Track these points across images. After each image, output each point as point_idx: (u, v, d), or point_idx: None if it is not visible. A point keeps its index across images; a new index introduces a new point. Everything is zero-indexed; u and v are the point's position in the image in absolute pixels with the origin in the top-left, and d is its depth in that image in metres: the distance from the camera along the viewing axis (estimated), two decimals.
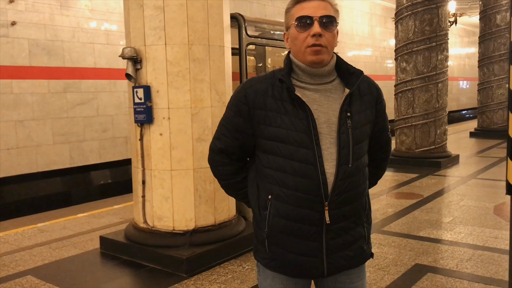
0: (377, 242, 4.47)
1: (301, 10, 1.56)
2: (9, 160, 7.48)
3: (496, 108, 12.71)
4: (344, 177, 1.55)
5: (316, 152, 1.53)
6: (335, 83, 1.63)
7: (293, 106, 1.55)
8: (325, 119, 1.56)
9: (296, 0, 1.59)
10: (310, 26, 1.54)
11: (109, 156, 9.01)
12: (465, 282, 3.53)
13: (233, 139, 1.66)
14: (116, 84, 9.01)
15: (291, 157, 1.54)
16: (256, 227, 1.69)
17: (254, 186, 1.68)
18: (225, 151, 1.70)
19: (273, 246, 1.61)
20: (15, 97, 7.54)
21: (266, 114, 1.57)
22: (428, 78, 8.54)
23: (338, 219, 1.57)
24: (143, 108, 3.98)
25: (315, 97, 1.58)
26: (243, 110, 1.61)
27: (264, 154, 1.60)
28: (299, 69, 1.61)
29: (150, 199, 4.10)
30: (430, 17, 8.43)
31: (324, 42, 1.55)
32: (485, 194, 6.36)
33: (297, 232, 1.57)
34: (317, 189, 1.53)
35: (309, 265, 1.59)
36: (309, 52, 1.55)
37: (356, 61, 16.79)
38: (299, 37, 1.56)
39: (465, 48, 26.45)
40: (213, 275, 3.75)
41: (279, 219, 1.58)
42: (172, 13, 3.86)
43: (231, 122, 1.65)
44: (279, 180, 1.56)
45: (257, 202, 1.65)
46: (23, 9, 7.58)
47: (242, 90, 1.63)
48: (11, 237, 4.95)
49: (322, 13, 1.54)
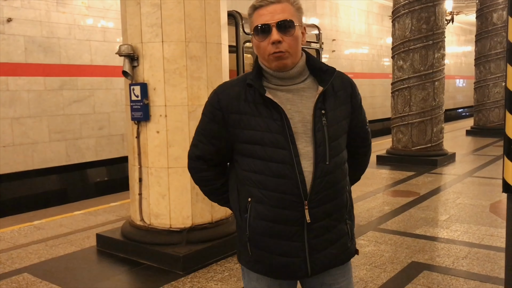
0: (373, 240, 4.48)
1: (259, 18, 1.54)
2: (5, 157, 7.45)
3: (493, 107, 12.75)
4: (322, 175, 1.55)
5: (292, 152, 1.53)
6: (307, 82, 1.62)
7: (267, 107, 1.55)
8: (300, 118, 1.56)
9: (254, 6, 1.56)
10: (268, 33, 1.52)
11: (105, 153, 8.99)
12: (461, 280, 3.54)
13: (210, 145, 1.66)
14: (113, 82, 8.98)
15: (268, 158, 1.54)
16: (238, 230, 1.69)
17: (234, 190, 1.67)
18: (203, 158, 1.69)
19: (255, 248, 1.61)
20: (11, 94, 7.51)
21: (240, 118, 1.57)
22: (425, 76, 8.56)
23: (319, 218, 1.56)
24: (140, 106, 3.97)
25: (288, 97, 1.58)
26: (217, 115, 1.60)
27: (242, 157, 1.60)
28: (267, 74, 1.61)
29: (147, 197, 4.10)
30: (427, 15, 8.44)
31: (284, 47, 1.53)
32: (481, 192, 6.38)
33: (278, 233, 1.56)
34: (295, 188, 1.52)
35: (292, 266, 1.58)
36: (271, 59, 1.55)
37: (353, 59, 16.80)
38: (261, 46, 1.56)
39: (462, 46, 26.52)
40: (210, 273, 3.75)
41: (260, 221, 1.57)
42: (169, 10, 3.85)
43: (207, 128, 1.65)
44: (257, 182, 1.56)
45: (237, 205, 1.65)
46: (19, 6, 7.55)
47: (215, 95, 1.62)
48: (7, 234, 4.94)
49: (279, 18, 1.52)
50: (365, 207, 5.69)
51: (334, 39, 15.54)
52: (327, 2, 15.35)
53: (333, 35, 15.55)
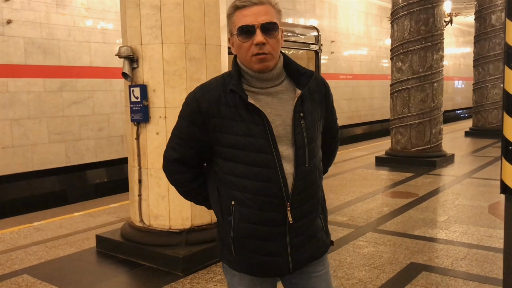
0: (372, 241, 4.49)
1: (242, 18, 1.54)
2: (4, 159, 7.46)
3: (491, 108, 12.78)
4: (302, 176, 1.59)
5: (275, 156, 1.55)
6: (285, 84, 1.63)
7: (248, 112, 1.55)
8: (280, 122, 1.58)
9: (236, 6, 1.56)
10: (252, 34, 1.52)
11: (105, 155, 9.00)
12: (459, 281, 3.56)
13: (189, 148, 1.65)
14: (112, 83, 9.00)
15: (251, 163, 1.55)
16: (221, 231, 1.71)
17: (214, 191, 1.68)
18: (182, 160, 1.68)
19: (239, 249, 1.63)
20: (10, 96, 7.52)
21: (221, 122, 1.57)
22: (423, 77, 8.58)
23: (299, 217, 1.61)
24: (140, 107, 3.98)
25: (268, 100, 1.59)
26: (197, 119, 1.59)
27: (224, 161, 1.60)
28: (247, 75, 1.60)
29: (147, 198, 4.11)
30: (425, 16, 8.46)
31: (268, 49, 1.54)
32: (479, 193, 6.39)
33: (262, 234, 1.60)
34: (278, 191, 1.56)
35: (275, 265, 1.63)
36: (254, 61, 1.55)
37: (352, 60, 16.83)
38: (243, 46, 1.55)
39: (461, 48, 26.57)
40: (209, 274, 3.76)
41: (244, 224, 1.60)
42: (169, 12, 3.87)
43: (186, 131, 1.64)
44: (241, 186, 1.58)
45: (219, 207, 1.66)
46: (18, 8, 7.56)
47: (194, 100, 1.61)
48: (6, 236, 4.94)
49: (263, 19, 1.52)
50: (364, 208, 5.70)
51: (333, 40, 15.56)
52: (326, 3, 15.37)
53: (332, 37, 15.57)
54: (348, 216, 5.36)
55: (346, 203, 5.99)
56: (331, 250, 4.18)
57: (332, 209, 5.67)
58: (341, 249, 4.27)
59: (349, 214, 5.44)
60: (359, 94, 17.08)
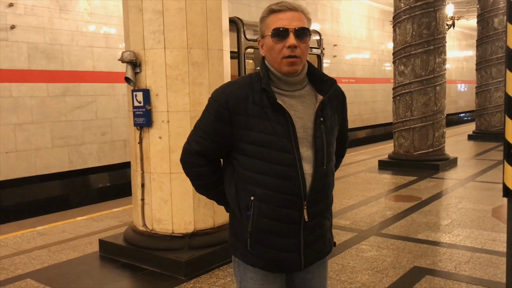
0: (375, 245, 4.48)
1: (276, 21, 1.62)
2: (8, 163, 7.48)
3: (494, 111, 12.75)
4: (320, 177, 1.68)
5: (296, 156, 1.62)
6: (307, 89, 1.72)
7: (274, 112, 1.62)
8: (302, 124, 1.66)
9: (271, 9, 1.64)
10: (285, 37, 1.61)
11: (108, 159, 9.01)
12: (463, 285, 3.54)
13: (211, 142, 1.70)
14: (115, 88, 9.02)
15: (274, 161, 1.62)
16: (236, 226, 1.76)
17: (232, 187, 1.73)
18: (203, 154, 1.73)
19: (255, 244, 1.69)
20: (14, 101, 7.55)
21: (247, 120, 1.63)
22: (426, 81, 8.57)
23: (314, 216, 1.69)
24: (142, 112, 3.99)
25: (292, 103, 1.67)
26: (224, 115, 1.65)
27: (245, 157, 1.66)
28: (275, 77, 1.68)
29: (149, 202, 4.11)
30: (428, 20, 8.47)
31: (298, 53, 1.62)
32: (483, 197, 6.38)
33: (279, 230, 1.67)
34: (297, 190, 1.63)
35: (289, 260, 1.70)
36: (284, 63, 1.63)
37: (354, 64, 16.84)
38: (275, 48, 1.63)
39: (463, 51, 26.54)
40: (212, 278, 3.76)
41: (263, 219, 1.66)
42: (171, 17, 3.88)
43: (211, 125, 1.69)
44: (261, 182, 1.64)
45: (236, 202, 1.72)
46: (22, 13, 7.61)
47: (223, 95, 1.67)
48: (10, 240, 4.96)
49: (297, 24, 1.61)
50: (367, 212, 5.69)
51: (335, 44, 15.58)
52: (328, 7, 15.40)
53: (334, 41, 15.59)
54: (351, 220, 5.35)
55: (349, 207, 5.98)
56: (334, 254, 4.18)
57: (335, 212, 5.66)
58: (344, 253, 4.26)
59: (352, 218, 5.43)
60: (362, 98, 17.07)
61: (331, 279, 3.67)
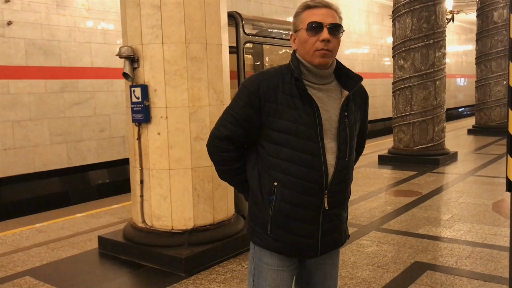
0: (376, 240, 4.47)
1: (311, 16, 1.71)
2: (6, 160, 7.45)
3: (494, 105, 12.72)
4: (342, 169, 1.76)
5: (321, 145, 1.70)
6: (333, 84, 1.81)
7: (302, 102, 1.70)
8: (327, 117, 1.74)
9: (307, 5, 1.74)
10: (320, 31, 1.69)
11: (106, 155, 8.98)
12: (464, 279, 3.53)
13: (240, 127, 1.77)
14: (113, 84, 8.98)
15: (299, 149, 1.69)
16: (256, 210, 1.82)
17: (255, 172, 1.80)
18: (231, 138, 1.79)
19: (276, 228, 1.76)
20: (12, 97, 7.50)
21: (276, 108, 1.71)
22: (426, 75, 8.54)
23: (333, 205, 1.77)
24: (141, 107, 3.96)
25: (319, 95, 1.75)
26: (255, 101, 1.72)
27: (271, 144, 1.73)
28: (305, 69, 1.75)
29: (148, 199, 4.09)
30: (427, 14, 8.43)
31: (331, 47, 1.71)
32: (483, 191, 6.36)
33: (299, 216, 1.74)
34: (320, 179, 1.71)
35: (307, 246, 1.78)
36: (317, 55, 1.71)
37: (354, 59, 16.79)
38: (309, 41, 1.71)
39: (462, 45, 26.49)
40: (212, 274, 3.74)
41: (285, 204, 1.73)
42: (169, 12, 3.85)
43: (241, 111, 1.75)
44: (286, 169, 1.71)
45: (259, 187, 1.79)
46: (19, 9, 7.55)
47: (255, 83, 1.74)
48: (9, 237, 4.93)
49: (331, 20, 1.70)
50: (367, 207, 5.68)
51: None
52: None
53: None
54: (351, 215, 5.33)
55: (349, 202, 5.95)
56: None
57: None
58: (345, 248, 4.25)
59: (352, 213, 5.41)
60: None
61: None
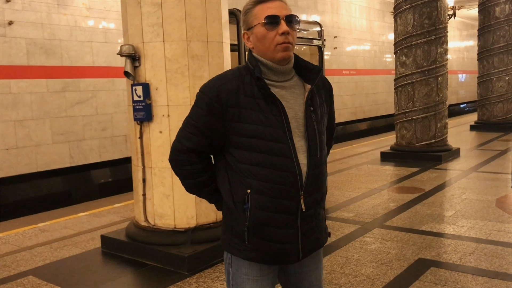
0: (379, 237, 4.46)
1: (266, 10, 1.63)
2: (8, 160, 7.45)
3: (496, 101, 12.68)
4: (315, 167, 1.68)
5: (291, 146, 1.63)
6: (295, 79, 1.73)
7: (266, 102, 1.62)
8: (293, 115, 1.66)
9: (258, 0, 1.66)
10: (277, 25, 1.62)
11: (109, 154, 8.98)
12: (469, 276, 3.51)
13: (203, 137, 1.68)
14: (115, 82, 8.97)
15: (269, 152, 1.61)
16: (231, 220, 1.72)
17: (225, 181, 1.71)
18: (195, 150, 1.70)
19: (253, 237, 1.67)
20: (13, 97, 7.51)
21: (240, 112, 1.61)
22: (427, 71, 8.51)
23: (310, 206, 1.69)
24: (142, 106, 3.95)
25: (282, 93, 1.67)
26: (216, 108, 1.63)
27: (240, 150, 1.64)
28: (265, 68, 1.67)
29: (151, 197, 4.08)
30: (429, 10, 8.39)
31: (290, 39, 1.64)
32: (486, 187, 6.34)
33: (276, 222, 1.66)
34: (294, 180, 1.63)
35: (287, 252, 1.69)
36: (279, 49, 1.63)
37: (355, 55, 16.75)
38: (268, 36, 1.64)
39: (464, 41, 26.41)
40: (216, 273, 3.73)
41: (261, 211, 1.64)
42: (170, 10, 3.83)
43: (202, 120, 1.66)
44: (257, 174, 1.63)
45: (231, 196, 1.69)
46: (20, 9, 7.54)
47: (214, 88, 1.64)
48: (12, 237, 4.94)
49: (286, 12, 1.64)
50: (370, 204, 5.66)
51: (335, 36, 15.49)
52: None
53: (335, 32, 15.49)
54: (354, 212, 5.32)
55: (352, 199, 5.95)
56: (338, 247, 4.15)
57: (338, 205, 5.64)
58: (348, 245, 4.23)
59: (355, 210, 5.40)
60: (363, 90, 17.00)
61: (335, 272, 3.64)
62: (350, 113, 16.03)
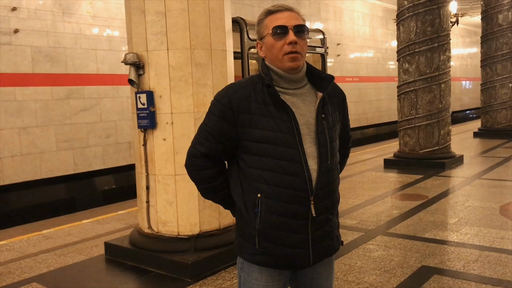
0: (382, 245, 4.45)
1: (275, 21, 1.69)
2: (13, 167, 7.49)
3: (500, 108, 12.66)
4: (325, 172, 1.70)
5: (301, 151, 1.66)
6: (307, 87, 1.77)
7: (277, 109, 1.67)
8: (304, 121, 1.70)
9: (268, 11, 1.73)
10: (285, 35, 1.67)
11: (112, 161, 9.02)
12: (472, 284, 3.50)
13: (217, 143, 1.73)
14: (119, 90, 9.03)
15: (279, 157, 1.65)
16: (242, 225, 1.76)
17: (238, 186, 1.75)
18: (209, 155, 1.75)
19: (264, 241, 1.70)
20: (18, 104, 7.56)
21: (251, 118, 1.67)
22: (430, 78, 8.52)
23: (321, 212, 1.71)
24: (146, 114, 3.98)
25: (293, 100, 1.71)
26: (228, 114, 1.68)
27: (251, 155, 1.69)
28: (276, 75, 1.72)
29: (154, 204, 4.10)
30: (431, 17, 8.42)
31: (299, 49, 1.68)
32: (490, 195, 6.32)
33: (287, 226, 1.68)
34: (304, 185, 1.66)
35: (298, 256, 1.71)
36: (286, 59, 1.68)
37: (358, 62, 16.79)
38: (276, 45, 1.69)
39: (467, 48, 26.42)
40: (219, 280, 3.74)
41: (270, 216, 1.67)
42: (174, 18, 3.87)
43: (215, 126, 1.72)
44: (268, 179, 1.66)
45: (243, 201, 1.73)
46: (25, 17, 7.62)
47: (226, 95, 1.71)
48: (16, 244, 4.96)
49: (295, 22, 1.68)
50: (373, 211, 5.66)
51: (338, 43, 15.54)
52: (331, 6, 15.36)
53: (338, 40, 15.55)
54: (358, 220, 5.31)
55: (355, 206, 5.94)
56: (341, 254, 4.15)
57: (341, 212, 5.63)
58: (351, 253, 4.23)
59: (358, 218, 5.40)
60: (366, 97, 17.02)
61: (338, 280, 3.64)
62: (353, 120, 16.00)
